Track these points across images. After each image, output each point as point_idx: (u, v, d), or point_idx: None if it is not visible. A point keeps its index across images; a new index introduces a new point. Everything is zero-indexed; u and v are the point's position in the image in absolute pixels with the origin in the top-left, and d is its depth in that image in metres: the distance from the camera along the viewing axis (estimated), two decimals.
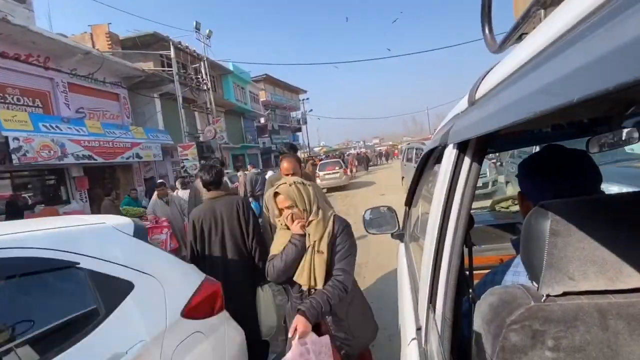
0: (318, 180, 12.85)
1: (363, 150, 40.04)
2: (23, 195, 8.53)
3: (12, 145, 7.36)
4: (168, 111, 13.29)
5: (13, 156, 7.38)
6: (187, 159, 11.24)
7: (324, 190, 13.09)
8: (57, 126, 8.69)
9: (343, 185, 13.20)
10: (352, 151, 42.90)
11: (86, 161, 9.30)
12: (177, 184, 5.32)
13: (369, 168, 24.50)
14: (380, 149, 44.99)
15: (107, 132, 10.34)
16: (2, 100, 8.22)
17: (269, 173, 12.21)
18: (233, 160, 19.37)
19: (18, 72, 8.63)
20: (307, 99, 34.23)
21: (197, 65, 12.58)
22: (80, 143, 9.04)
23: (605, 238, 0.51)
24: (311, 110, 36.39)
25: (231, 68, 19.70)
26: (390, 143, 56.76)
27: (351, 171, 16.35)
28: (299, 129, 34.28)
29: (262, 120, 26.73)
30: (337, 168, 13.15)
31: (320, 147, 44.80)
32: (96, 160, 9.59)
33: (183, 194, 5.06)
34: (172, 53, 10.90)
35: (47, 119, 8.61)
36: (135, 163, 12.55)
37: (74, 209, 9.72)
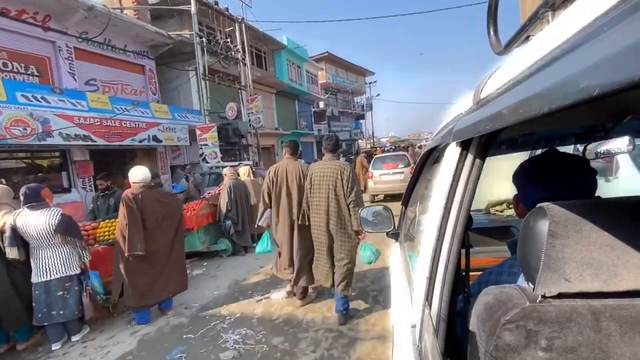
0: (371, 183, 9.41)
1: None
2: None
3: None
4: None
5: None
6: (205, 145, 8.92)
7: (380, 197, 9.61)
8: (43, 97, 7.01)
9: None
10: (423, 142, 37.68)
11: (81, 142, 7.57)
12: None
13: None
14: None
15: (118, 109, 8.56)
16: None
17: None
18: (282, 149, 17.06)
19: (7, 32, 7.12)
20: (375, 82, 30.28)
21: (232, 28, 10.15)
22: (72, 120, 7.28)
23: (603, 241, 0.51)
24: (378, 94, 32.40)
25: (285, 42, 17.16)
26: None
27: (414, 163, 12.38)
28: (362, 116, 30.57)
29: (321, 104, 23.92)
30: (400, 166, 9.05)
31: (388, 138, 40.58)
32: (95, 141, 7.82)
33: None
34: (192, 8, 8.55)
35: (29, 88, 6.96)
36: (160, 147, 10.99)
37: (73, 200, 8.22)
